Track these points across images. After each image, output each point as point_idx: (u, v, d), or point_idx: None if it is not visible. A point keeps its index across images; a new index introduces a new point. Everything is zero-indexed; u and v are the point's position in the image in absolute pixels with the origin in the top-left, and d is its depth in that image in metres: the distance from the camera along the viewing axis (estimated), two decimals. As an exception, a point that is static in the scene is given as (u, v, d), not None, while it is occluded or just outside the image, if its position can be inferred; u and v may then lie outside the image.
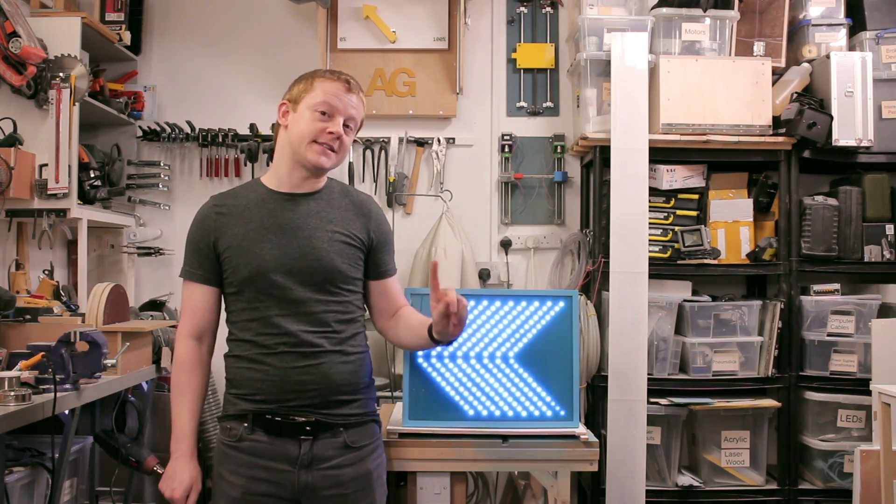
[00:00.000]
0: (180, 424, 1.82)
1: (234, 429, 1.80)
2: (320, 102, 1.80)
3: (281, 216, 1.83)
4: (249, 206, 1.84)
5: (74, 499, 2.40)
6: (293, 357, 1.78)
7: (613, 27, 3.08)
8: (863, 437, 2.92)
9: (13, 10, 2.69)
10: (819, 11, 3.17)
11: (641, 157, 2.93)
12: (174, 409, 1.83)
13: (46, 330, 2.23)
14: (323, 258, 1.81)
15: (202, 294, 1.85)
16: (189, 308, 1.86)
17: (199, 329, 1.86)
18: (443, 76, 3.44)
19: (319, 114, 1.80)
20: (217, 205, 1.87)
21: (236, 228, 1.82)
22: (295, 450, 1.77)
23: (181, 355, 1.85)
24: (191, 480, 1.80)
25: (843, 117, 2.96)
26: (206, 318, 1.86)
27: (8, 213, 2.79)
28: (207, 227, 1.84)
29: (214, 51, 3.49)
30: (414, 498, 2.19)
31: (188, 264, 1.86)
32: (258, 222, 1.82)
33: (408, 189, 3.42)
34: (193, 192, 3.44)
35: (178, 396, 1.84)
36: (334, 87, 1.82)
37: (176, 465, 1.80)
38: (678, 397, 2.93)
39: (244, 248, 1.80)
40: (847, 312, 2.99)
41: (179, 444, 1.81)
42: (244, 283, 1.79)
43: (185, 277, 1.86)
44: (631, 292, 2.85)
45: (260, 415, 1.78)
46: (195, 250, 1.85)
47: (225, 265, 1.82)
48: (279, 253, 1.79)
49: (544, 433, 2.18)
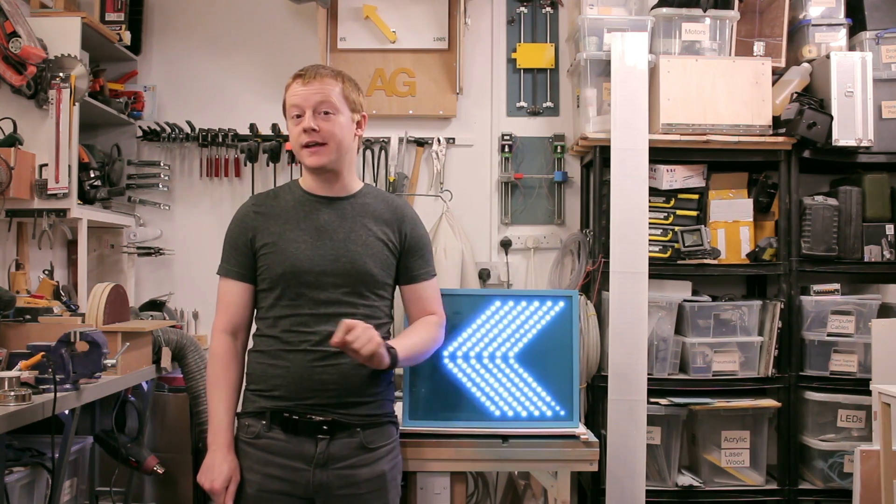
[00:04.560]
0: (217, 417, 1.84)
1: (253, 426, 1.83)
2: (289, 108, 1.87)
3: (317, 218, 1.88)
4: (287, 207, 1.90)
5: (74, 499, 2.40)
6: (314, 356, 1.80)
7: (613, 27, 3.08)
8: (863, 437, 2.92)
9: (13, 10, 2.69)
10: (819, 11, 3.17)
11: (641, 157, 2.93)
12: (210, 402, 1.87)
13: (46, 330, 2.23)
14: (356, 261, 1.84)
15: (237, 290, 1.89)
16: (224, 303, 1.90)
17: (234, 324, 1.90)
18: (443, 76, 3.44)
19: (294, 118, 1.86)
20: (256, 204, 1.93)
21: (273, 227, 1.87)
22: (311, 448, 1.79)
23: (216, 349, 1.89)
24: (230, 472, 1.81)
25: (843, 117, 2.96)
26: (241, 314, 1.90)
27: (8, 213, 2.79)
28: (246, 225, 1.89)
29: (214, 51, 3.49)
30: (414, 498, 2.19)
31: (225, 261, 1.91)
32: (295, 223, 1.87)
33: (408, 189, 3.42)
34: (193, 192, 3.45)
35: (214, 389, 1.87)
36: (293, 88, 1.86)
37: (214, 457, 1.82)
38: (678, 397, 2.93)
39: (279, 246, 1.84)
40: (847, 312, 2.99)
41: (217, 436, 1.83)
42: (277, 280, 1.83)
43: (222, 274, 1.91)
44: (631, 292, 2.86)
45: (278, 412, 1.81)
46: (233, 247, 1.90)
47: (260, 262, 1.87)
48: (312, 253, 1.83)
49: (544, 433, 2.18)
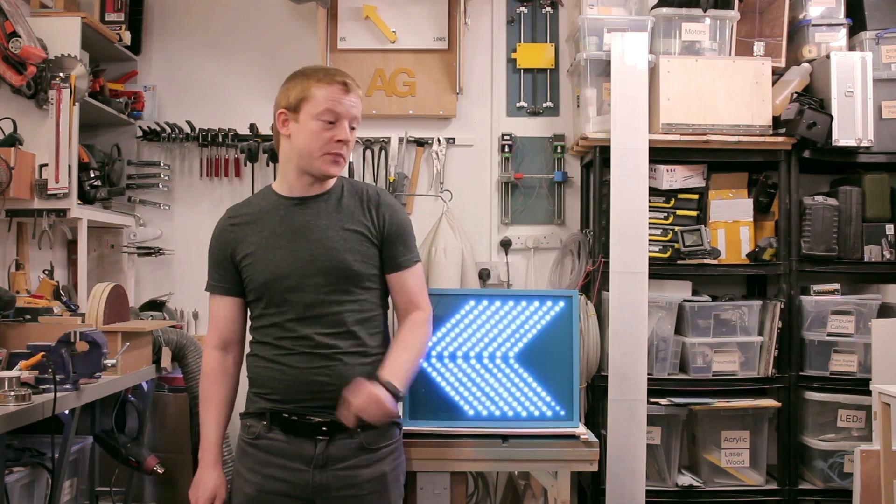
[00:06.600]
0: (206, 433, 1.87)
1: (254, 426, 1.83)
2: (324, 111, 1.76)
3: (292, 221, 1.83)
4: (262, 214, 1.86)
5: (74, 499, 2.41)
6: (310, 358, 1.78)
7: (613, 27, 3.08)
8: (863, 437, 2.92)
9: (13, 10, 2.69)
10: (819, 11, 3.17)
11: (641, 157, 2.93)
12: (201, 418, 1.89)
13: (46, 330, 2.23)
14: (334, 257, 1.80)
15: (225, 305, 1.89)
16: (214, 319, 1.91)
17: (224, 339, 1.90)
18: (443, 76, 3.43)
19: (324, 122, 1.76)
20: (231, 216, 1.91)
21: (251, 238, 1.85)
22: (311, 449, 1.78)
23: (206, 366, 1.91)
24: (214, 489, 1.84)
25: (843, 117, 2.95)
26: (231, 328, 1.90)
27: (8, 213, 2.79)
28: (224, 240, 1.88)
29: (214, 51, 3.49)
30: (414, 498, 2.19)
31: (210, 278, 1.90)
32: (270, 230, 1.84)
33: (408, 189, 3.42)
34: (193, 192, 3.45)
35: (205, 406, 1.89)
36: (333, 92, 1.76)
37: (201, 474, 1.85)
38: (678, 397, 2.93)
39: (258, 256, 1.82)
40: (847, 312, 2.99)
41: (205, 452, 1.86)
42: (261, 290, 1.82)
43: (210, 291, 1.91)
44: (631, 292, 2.85)
45: (277, 413, 1.80)
46: (215, 263, 1.89)
47: (243, 274, 1.85)
48: (291, 258, 1.80)
49: (544, 433, 2.18)
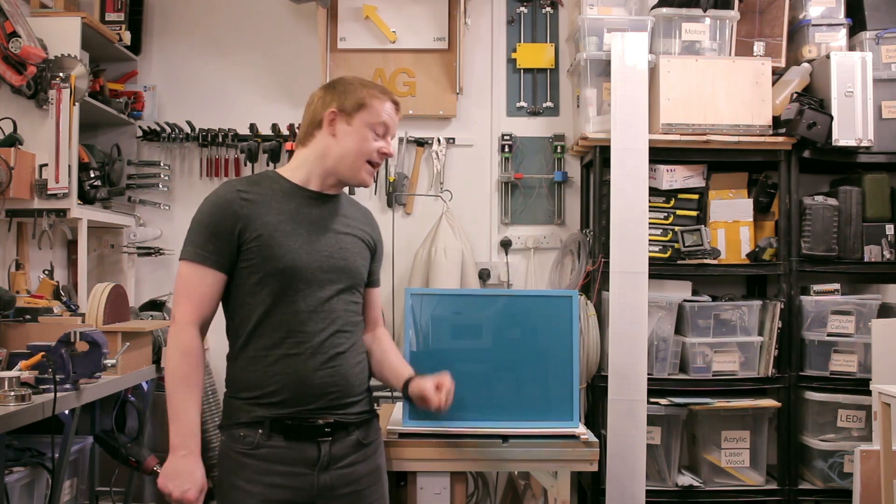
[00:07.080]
0: (186, 420, 1.69)
1: (249, 436, 1.72)
2: (380, 123, 1.82)
3: (309, 212, 1.80)
4: (276, 196, 1.77)
5: (74, 499, 2.41)
6: (315, 360, 1.74)
7: (613, 27, 3.08)
8: (863, 437, 2.92)
9: (13, 10, 2.69)
10: (819, 11, 3.17)
11: (641, 157, 2.93)
12: (179, 402, 1.69)
13: (46, 330, 2.23)
14: (348, 258, 1.82)
15: (212, 280, 1.72)
16: (196, 294, 1.71)
17: (203, 317, 1.74)
18: (443, 76, 3.43)
19: (375, 133, 1.82)
20: (242, 190, 1.75)
21: (266, 217, 1.73)
22: (314, 452, 1.74)
23: (188, 344, 1.70)
24: (203, 480, 1.69)
25: (843, 117, 2.96)
26: (211, 308, 1.75)
27: (8, 213, 2.79)
28: (233, 212, 1.72)
29: (214, 51, 3.49)
30: (414, 498, 2.19)
31: (200, 247, 1.71)
32: (288, 215, 1.76)
33: (408, 189, 3.42)
34: (193, 192, 3.44)
35: (186, 389, 1.69)
36: (389, 108, 1.84)
37: (185, 464, 1.67)
38: (678, 397, 2.93)
39: (277, 239, 1.72)
40: (847, 312, 2.99)
41: (187, 440, 1.68)
42: (275, 274, 1.72)
43: (195, 260, 1.71)
44: (631, 292, 2.85)
45: (278, 420, 1.72)
46: (212, 234, 1.71)
47: (251, 254, 1.72)
48: (310, 249, 1.76)
49: (544, 433, 2.18)
